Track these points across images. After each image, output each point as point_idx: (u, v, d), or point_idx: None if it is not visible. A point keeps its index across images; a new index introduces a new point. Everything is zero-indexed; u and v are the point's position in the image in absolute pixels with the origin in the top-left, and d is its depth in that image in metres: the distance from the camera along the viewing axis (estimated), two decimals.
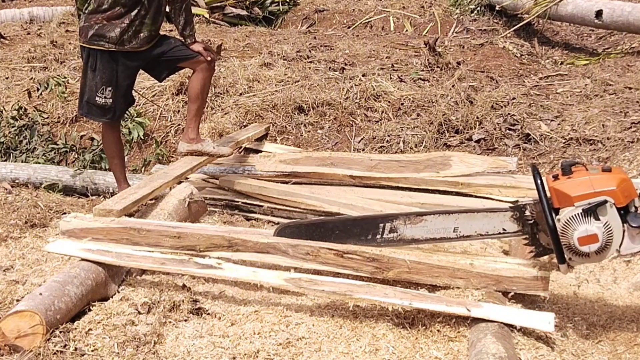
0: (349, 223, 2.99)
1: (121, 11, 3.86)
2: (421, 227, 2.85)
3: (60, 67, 6.41)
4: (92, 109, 4.05)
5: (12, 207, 4.15)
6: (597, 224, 2.48)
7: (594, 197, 2.48)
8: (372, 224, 2.92)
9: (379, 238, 2.90)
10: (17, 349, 2.54)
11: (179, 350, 2.58)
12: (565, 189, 2.52)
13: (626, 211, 2.51)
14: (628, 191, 2.50)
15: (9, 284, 3.11)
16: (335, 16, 8.41)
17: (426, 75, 5.58)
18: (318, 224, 3.04)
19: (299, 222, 3.24)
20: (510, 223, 2.74)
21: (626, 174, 2.58)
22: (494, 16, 7.75)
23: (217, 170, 4.60)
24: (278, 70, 5.82)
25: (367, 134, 4.88)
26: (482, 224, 2.78)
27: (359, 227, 2.94)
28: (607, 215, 2.48)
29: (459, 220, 2.81)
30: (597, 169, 2.56)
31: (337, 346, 2.57)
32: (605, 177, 2.51)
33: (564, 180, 2.54)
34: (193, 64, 4.12)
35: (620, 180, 2.50)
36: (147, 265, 3.00)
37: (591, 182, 2.50)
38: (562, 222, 2.51)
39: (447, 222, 2.82)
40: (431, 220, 2.84)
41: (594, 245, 2.48)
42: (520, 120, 4.70)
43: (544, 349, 2.53)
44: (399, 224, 2.87)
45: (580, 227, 2.48)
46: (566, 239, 2.51)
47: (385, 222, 2.89)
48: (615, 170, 2.55)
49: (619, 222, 2.50)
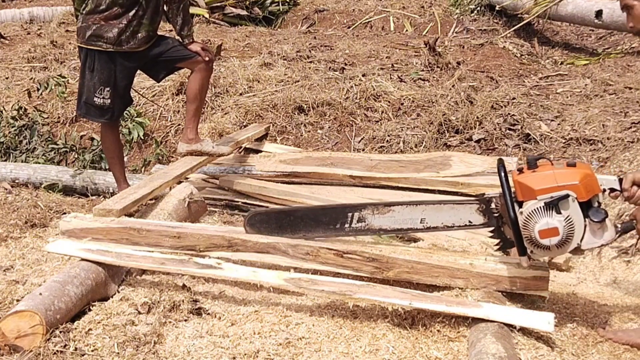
0: (318, 212, 3.02)
1: (119, 11, 3.86)
2: (389, 217, 2.87)
3: (60, 67, 6.42)
4: (90, 109, 4.05)
5: (12, 207, 4.15)
6: (559, 217, 2.50)
7: (557, 191, 2.50)
8: (340, 213, 2.94)
9: (347, 227, 2.92)
10: (17, 349, 2.54)
11: (179, 350, 2.57)
12: (528, 183, 2.54)
13: (589, 206, 2.53)
14: (591, 186, 2.52)
15: (9, 284, 3.11)
16: (335, 16, 8.41)
17: (426, 75, 5.58)
18: (287, 212, 3.08)
19: (269, 210, 3.27)
20: (476, 215, 2.77)
21: (591, 170, 2.60)
22: (494, 16, 7.75)
23: (217, 170, 4.60)
24: (278, 70, 5.82)
25: (367, 134, 4.88)
26: (449, 216, 2.81)
27: (327, 216, 2.96)
28: (569, 209, 2.51)
29: (426, 211, 2.83)
30: (562, 164, 2.58)
31: (337, 346, 2.57)
32: (569, 171, 2.53)
33: (528, 173, 2.56)
34: (191, 64, 4.12)
35: (583, 175, 2.52)
36: (147, 265, 3.00)
37: (555, 176, 2.52)
38: (525, 215, 2.53)
39: (415, 213, 2.84)
40: (399, 210, 2.86)
41: (555, 238, 2.51)
42: (520, 120, 4.70)
43: (544, 349, 2.53)
44: (367, 214, 2.89)
45: (542, 220, 2.50)
46: (528, 231, 2.53)
47: (353, 212, 2.91)
48: (579, 166, 2.57)
49: (580, 217, 2.52)
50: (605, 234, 2.55)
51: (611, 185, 2.61)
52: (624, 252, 3.48)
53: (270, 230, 3.01)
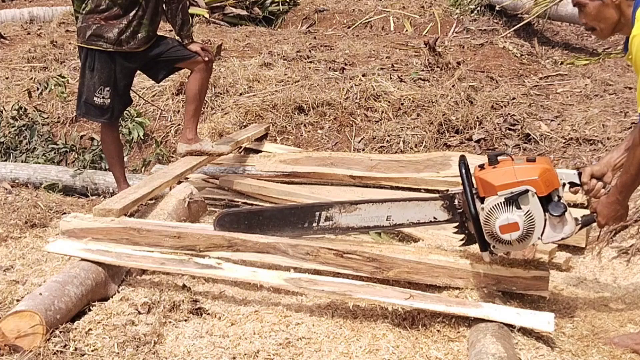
0: (286, 211, 3.05)
1: (119, 12, 3.86)
2: (356, 216, 2.90)
3: (60, 67, 6.41)
4: (90, 109, 4.05)
5: (12, 207, 4.15)
6: (519, 212, 2.53)
7: (516, 186, 2.53)
8: (308, 212, 2.97)
9: (315, 226, 2.96)
10: (17, 349, 2.54)
11: (179, 350, 2.57)
12: (489, 179, 2.57)
13: (549, 200, 2.56)
14: (550, 181, 2.55)
15: (9, 284, 3.12)
16: (335, 16, 8.40)
17: (426, 75, 5.58)
18: (256, 212, 3.11)
19: (238, 210, 3.30)
20: (440, 212, 2.80)
21: (550, 164, 2.62)
22: (494, 16, 7.74)
23: (217, 170, 4.60)
24: (278, 70, 5.82)
25: (367, 134, 4.88)
26: (414, 213, 2.84)
27: (296, 216, 2.99)
28: (529, 204, 2.54)
29: (392, 209, 2.87)
30: (523, 160, 2.61)
31: (337, 346, 2.57)
32: (528, 167, 2.56)
33: (489, 170, 2.60)
34: (191, 64, 4.12)
35: (542, 170, 2.55)
36: (147, 265, 3.00)
37: (514, 171, 2.55)
38: (486, 211, 2.56)
39: (381, 210, 2.88)
40: (365, 209, 2.90)
41: (515, 233, 2.54)
42: (520, 120, 4.70)
43: (544, 349, 2.53)
44: (335, 213, 2.93)
45: (502, 215, 2.53)
46: (489, 227, 2.56)
47: (321, 211, 2.95)
48: (539, 161, 2.60)
49: (540, 211, 2.55)
50: (565, 228, 2.58)
51: (571, 179, 2.66)
52: (624, 252, 3.48)
53: (239, 230, 3.04)
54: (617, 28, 2.50)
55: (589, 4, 2.47)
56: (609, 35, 2.56)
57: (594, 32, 2.57)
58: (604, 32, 2.54)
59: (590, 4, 2.47)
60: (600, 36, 2.60)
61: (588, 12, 2.49)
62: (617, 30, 2.51)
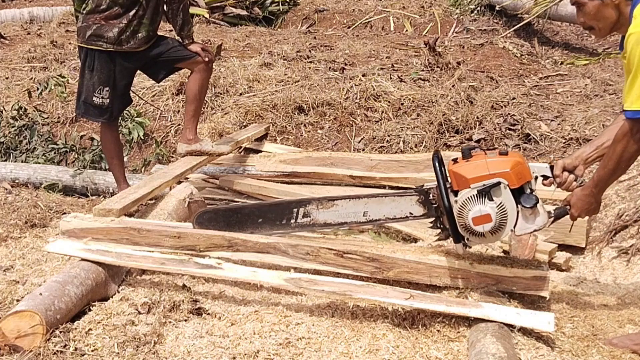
0: (264, 208, 3.07)
1: (119, 11, 3.86)
2: (333, 212, 2.93)
3: (60, 67, 6.41)
4: (89, 109, 4.05)
5: (12, 207, 4.15)
6: (491, 204, 2.56)
7: (488, 179, 2.56)
8: (286, 209, 3.00)
9: (293, 222, 2.98)
10: (17, 349, 2.54)
11: (179, 350, 2.57)
12: (462, 172, 2.60)
13: (520, 192, 2.59)
14: (522, 174, 2.58)
15: (9, 284, 3.12)
16: (335, 16, 8.40)
17: (426, 75, 5.58)
18: (235, 210, 3.13)
19: (217, 208, 3.32)
20: (416, 207, 2.83)
21: (523, 158, 2.65)
22: (494, 16, 7.74)
23: (217, 170, 4.60)
24: (278, 70, 5.82)
25: (367, 134, 4.88)
26: (390, 208, 2.86)
27: (274, 212, 3.02)
28: (501, 196, 2.57)
29: (368, 204, 2.90)
30: (495, 153, 2.64)
31: (337, 346, 2.57)
32: (500, 160, 2.59)
33: (462, 163, 2.63)
34: (191, 64, 4.12)
35: (514, 163, 2.58)
36: (147, 265, 3.00)
37: (487, 164, 2.59)
38: (459, 203, 2.59)
39: (357, 206, 2.91)
40: (342, 205, 2.92)
41: (488, 225, 2.56)
42: (520, 120, 4.70)
43: (544, 349, 2.53)
44: (312, 209, 2.95)
45: (475, 207, 2.56)
46: (462, 219, 2.59)
47: (299, 207, 2.97)
48: (511, 154, 2.63)
49: (512, 203, 2.58)
50: (537, 219, 2.61)
51: (543, 172, 2.69)
52: (624, 252, 3.48)
53: (218, 227, 3.06)
54: (615, 27, 2.51)
55: (588, 3, 2.48)
56: (606, 34, 2.57)
57: (592, 31, 2.58)
58: (602, 32, 2.54)
59: (590, 3, 2.47)
60: (597, 35, 2.60)
61: (587, 12, 2.49)
62: (615, 29, 2.51)
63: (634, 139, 2.38)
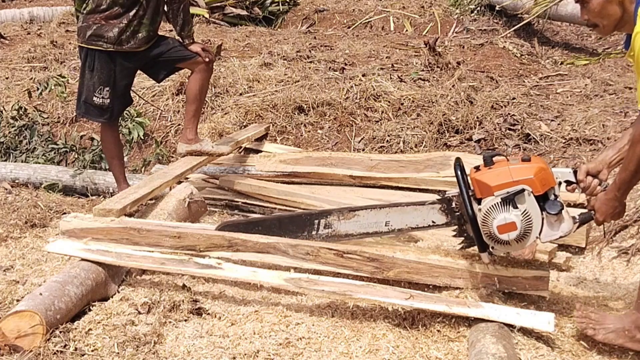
0: (285, 220, 3.06)
1: (119, 11, 3.86)
2: (354, 222, 2.92)
3: (60, 67, 6.41)
4: (89, 109, 4.05)
5: (12, 207, 4.15)
6: (516, 212, 2.54)
7: (512, 186, 2.55)
8: (307, 221, 2.99)
9: (314, 234, 2.98)
10: (17, 349, 2.54)
11: (179, 350, 2.58)
12: (485, 180, 2.58)
13: (545, 199, 2.57)
14: (546, 180, 2.56)
15: (9, 284, 3.12)
16: (335, 16, 8.40)
17: (426, 75, 5.57)
18: (256, 222, 3.12)
19: (238, 220, 3.31)
20: (438, 215, 2.81)
21: (545, 163, 2.63)
22: (494, 16, 7.74)
23: (217, 170, 4.60)
24: (278, 70, 5.82)
25: (367, 134, 4.88)
26: (413, 217, 2.85)
27: (295, 225, 3.01)
28: (525, 203, 2.55)
29: (390, 214, 2.88)
30: (517, 160, 2.62)
31: (337, 346, 2.57)
32: (523, 166, 2.57)
33: (485, 171, 2.61)
34: (191, 64, 4.12)
35: (538, 170, 2.56)
36: (147, 265, 3.00)
37: (510, 172, 2.57)
38: (483, 212, 2.57)
39: (379, 216, 2.90)
40: (364, 215, 2.91)
41: (513, 233, 2.54)
42: (520, 120, 4.70)
43: (544, 349, 2.53)
44: (334, 220, 2.94)
45: (500, 215, 2.54)
46: (487, 227, 2.57)
47: (320, 219, 2.97)
48: (534, 160, 2.61)
49: (537, 210, 2.56)
50: (562, 226, 2.59)
51: (567, 178, 2.67)
52: (624, 252, 3.48)
53: None
54: (619, 25, 2.47)
55: (592, 0, 2.45)
56: (610, 32, 2.54)
57: (596, 29, 2.54)
58: (606, 29, 2.51)
59: (594, 0, 2.44)
60: (601, 33, 2.58)
61: (591, 9, 2.46)
62: (619, 27, 2.48)
63: None
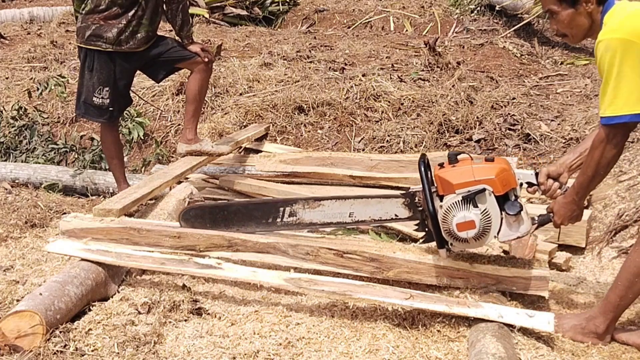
0: (251, 207, 3.09)
1: (118, 11, 3.86)
2: (319, 212, 2.95)
3: (60, 67, 6.41)
4: (89, 109, 4.05)
5: (12, 207, 4.15)
6: (475, 211, 2.58)
7: (474, 185, 2.58)
8: (272, 208, 3.01)
9: (279, 221, 3.00)
10: (17, 349, 2.54)
11: (179, 350, 2.58)
12: (448, 177, 2.62)
13: (505, 199, 2.60)
14: (507, 180, 2.60)
15: (9, 284, 3.12)
16: (335, 16, 8.40)
17: (426, 75, 5.58)
18: (221, 207, 3.14)
19: (203, 204, 3.34)
20: (402, 209, 2.85)
21: (508, 164, 2.66)
22: (494, 16, 7.74)
23: (217, 170, 4.60)
24: (278, 70, 5.82)
25: (367, 134, 4.88)
26: (376, 210, 2.89)
27: (260, 211, 3.03)
28: (485, 203, 2.58)
29: (354, 205, 2.92)
30: (481, 159, 2.66)
31: (337, 346, 2.57)
32: (486, 166, 2.61)
33: (448, 168, 2.64)
34: (191, 64, 4.12)
35: (499, 170, 2.59)
36: (147, 265, 3.00)
37: (472, 171, 2.60)
38: (444, 209, 2.60)
39: (344, 207, 2.93)
40: (328, 205, 2.95)
41: (472, 231, 2.58)
42: (520, 120, 4.70)
43: (544, 349, 2.53)
44: (298, 208, 2.97)
45: (459, 213, 2.58)
46: (447, 224, 2.60)
47: (285, 207, 2.99)
48: (497, 161, 2.65)
49: (497, 210, 2.59)
50: (521, 227, 2.62)
51: (528, 179, 2.72)
52: (624, 252, 3.48)
53: (204, 224, 3.08)
54: (588, 34, 2.55)
55: (561, 12, 2.51)
56: (579, 40, 2.61)
57: (565, 38, 2.61)
58: (575, 38, 2.58)
59: (563, 12, 2.51)
60: (571, 42, 2.65)
61: (560, 20, 2.53)
62: (589, 35, 2.56)
63: (611, 144, 2.40)
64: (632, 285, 2.53)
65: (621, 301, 2.57)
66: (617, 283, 2.57)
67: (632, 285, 2.53)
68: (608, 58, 2.34)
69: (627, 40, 2.31)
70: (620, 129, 2.39)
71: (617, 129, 2.38)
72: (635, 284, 2.52)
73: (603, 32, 2.40)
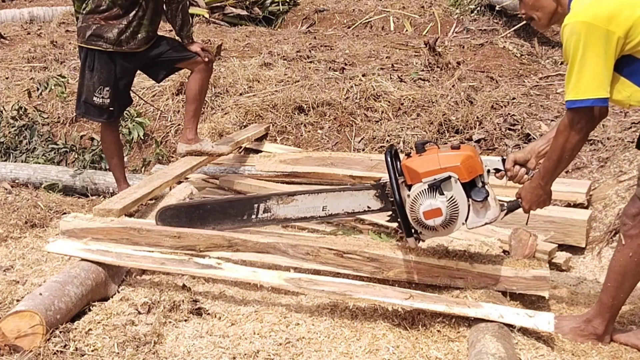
0: (225, 204, 3.10)
1: (119, 12, 3.86)
2: (293, 207, 2.97)
3: (60, 67, 6.41)
4: (89, 109, 4.05)
5: (12, 207, 4.15)
6: (442, 198, 2.59)
7: (439, 173, 2.59)
8: (247, 205, 3.03)
9: (254, 218, 3.02)
10: (17, 349, 2.54)
11: (179, 350, 2.58)
12: (414, 166, 2.63)
13: (472, 186, 2.61)
14: (473, 167, 2.61)
15: (9, 284, 3.12)
16: (335, 16, 8.40)
17: (426, 75, 5.58)
18: (196, 206, 3.16)
19: (178, 204, 3.34)
20: (374, 201, 2.86)
21: (475, 151, 2.67)
22: (494, 16, 7.73)
23: (217, 170, 4.60)
24: (278, 70, 5.82)
25: (367, 134, 4.88)
26: (349, 202, 2.90)
27: (235, 208, 3.05)
28: (451, 190, 2.60)
29: (327, 199, 2.93)
30: (447, 147, 2.66)
31: (337, 346, 2.57)
32: (451, 154, 2.62)
33: (415, 158, 2.65)
34: (191, 64, 4.12)
35: (465, 157, 2.60)
36: (147, 265, 3.00)
37: (438, 159, 2.61)
38: (412, 198, 2.62)
39: (317, 201, 2.94)
40: (302, 199, 2.96)
41: (439, 219, 2.59)
42: (520, 120, 4.70)
43: (544, 349, 2.53)
44: (273, 204, 2.99)
45: (426, 201, 2.59)
46: (414, 213, 2.62)
47: (259, 203, 3.01)
48: (463, 148, 2.65)
49: (463, 197, 2.60)
50: (488, 213, 2.63)
51: (495, 166, 2.72)
52: None
53: (181, 223, 3.10)
54: (554, 18, 2.52)
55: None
56: (547, 25, 2.57)
57: (533, 22, 2.59)
58: (542, 22, 2.55)
59: None
60: (538, 26, 2.61)
61: (526, 2, 2.52)
62: (555, 20, 2.53)
63: (575, 129, 2.41)
64: (621, 285, 2.54)
65: (614, 301, 2.57)
66: (607, 285, 2.58)
67: (621, 284, 2.54)
68: (573, 42, 2.31)
69: (591, 25, 2.28)
70: (584, 114, 2.38)
71: (580, 114, 2.38)
72: (624, 282, 2.53)
73: (569, 16, 2.37)
